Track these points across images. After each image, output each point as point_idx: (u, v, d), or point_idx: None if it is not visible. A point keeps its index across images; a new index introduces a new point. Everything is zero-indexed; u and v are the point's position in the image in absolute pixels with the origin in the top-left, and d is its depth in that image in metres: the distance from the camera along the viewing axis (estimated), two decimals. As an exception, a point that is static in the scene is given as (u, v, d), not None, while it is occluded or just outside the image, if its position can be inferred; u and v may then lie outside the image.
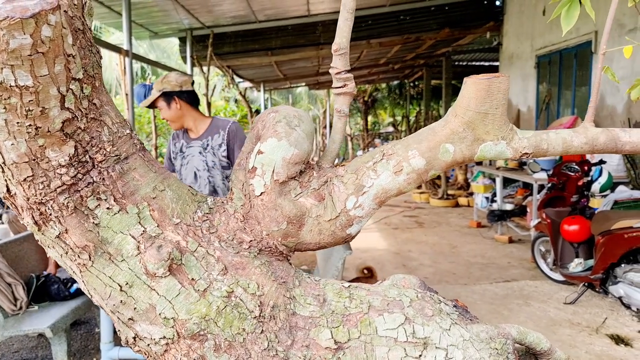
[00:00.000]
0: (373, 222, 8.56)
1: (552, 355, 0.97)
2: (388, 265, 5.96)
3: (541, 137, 0.89)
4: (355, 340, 0.86)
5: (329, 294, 0.92)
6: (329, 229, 0.93)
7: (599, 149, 0.90)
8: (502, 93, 0.86)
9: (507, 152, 0.89)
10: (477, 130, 0.88)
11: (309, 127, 0.94)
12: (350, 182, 0.92)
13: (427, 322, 0.86)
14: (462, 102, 0.88)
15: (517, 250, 6.42)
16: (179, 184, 0.95)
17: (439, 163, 0.90)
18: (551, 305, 4.49)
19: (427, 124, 13.80)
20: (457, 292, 4.91)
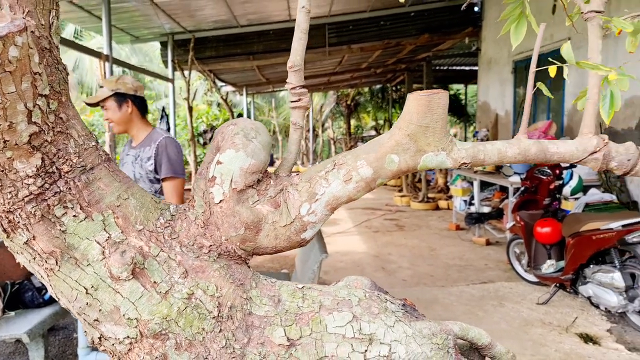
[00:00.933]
0: (354, 225, 8.65)
1: (492, 349, 1.04)
2: (367, 268, 6.04)
3: (478, 149, 0.97)
4: (306, 337, 0.92)
5: (284, 295, 0.98)
6: (285, 234, 0.99)
7: (530, 159, 0.98)
8: (441, 108, 0.94)
9: (447, 162, 0.97)
10: (419, 142, 0.95)
11: (266, 138, 1.01)
12: (304, 190, 0.99)
13: (373, 319, 0.93)
14: (405, 116, 0.95)
15: (494, 252, 6.56)
16: (142, 193, 1.01)
17: (386, 172, 0.97)
18: (524, 306, 4.60)
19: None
20: (434, 294, 5.00)
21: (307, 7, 1.01)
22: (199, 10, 8.39)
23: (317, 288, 1.00)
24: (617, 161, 0.96)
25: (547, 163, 0.98)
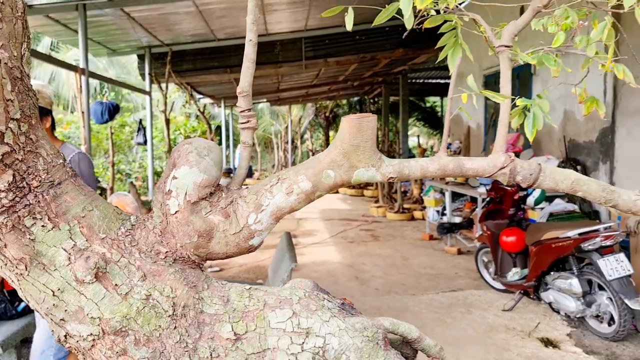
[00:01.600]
0: (330, 236, 8.78)
1: (422, 342, 1.17)
2: (341, 277, 6.16)
3: (404, 165, 1.11)
4: (251, 332, 1.04)
5: (233, 295, 1.10)
6: (234, 241, 1.11)
7: (449, 174, 1.12)
8: (370, 130, 1.08)
9: (377, 176, 1.10)
10: (351, 159, 1.08)
11: (218, 156, 1.13)
12: (252, 202, 1.11)
13: (310, 315, 1.06)
14: (340, 137, 1.09)
15: (464, 261, 6.74)
16: (105, 205, 1.12)
17: (323, 185, 1.10)
18: (491, 313, 4.77)
19: (386, 139, 14.17)
20: (405, 302, 5.14)
21: (253, 40, 1.14)
22: (177, 25, 8.50)
23: (263, 289, 1.13)
24: (521, 175, 1.11)
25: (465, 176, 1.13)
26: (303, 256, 7.33)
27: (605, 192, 1.10)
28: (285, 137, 20.43)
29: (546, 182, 1.11)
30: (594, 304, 4.07)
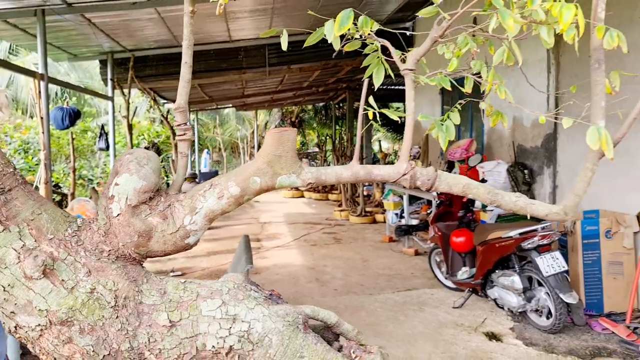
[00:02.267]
0: (293, 239, 8.92)
1: (340, 327, 1.34)
2: (302, 279, 6.31)
3: (321, 172, 1.27)
4: (185, 319, 1.19)
5: (169, 288, 1.24)
6: (172, 240, 1.26)
7: (360, 180, 1.29)
8: (290, 141, 1.24)
9: (298, 182, 1.26)
10: (275, 167, 1.24)
11: (156, 165, 1.27)
12: (187, 205, 1.26)
13: (238, 304, 1.21)
14: (264, 148, 1.25)
15: (421, 262, 6.98)
16: (54, 209, 1.25)
17: (251, 190, 1.26)
18: (442, 310, 5.00)
19: (349, 144, 14.39)
20: (362, 301, 5.33)
21: (188, 62, 1.29)
22: (139, 31, 8.52)
23: (197, 282, 1.27)
24: (421, 180, 1.29)
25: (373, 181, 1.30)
26: (266, 259, 7.46)
27: (490, 194, 1.29)
28: (251, 142, 20.49)
29: (442, 186, 1.30)
30: (533, 299, 4.34)
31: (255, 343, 1.17)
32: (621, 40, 1.25)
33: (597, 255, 4.75)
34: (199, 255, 7.72)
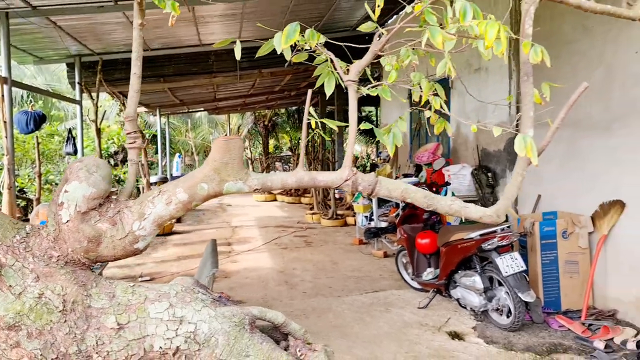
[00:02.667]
0: (264, 243, 8.94)
1: (288, 326, 1.40)
2: (271, 282, 6.35)
3: (267, 178, 1.33)
4: (133, 321, 1.23)
5: (118, 291, 1.28)
6: (121, 245, 1.30)
7: (304, 186, 1.36)
8: (237, 149, 1.30)
9: (244, 188, 1.32)
10: (222, 174, 1.30)
11: (106, 172, 1.31)
12: (136, 211, 1.30)
13: (185, 306, 1.26)
14: (212, 155, 1.30)
15: (389, 264, 7.09)
16: (2, 217, 1.28)
17: (198, 196, 1.31)
18: (407, 310, 5.10)
19: (321, 148, 14.46)
20: (330, 303, 5.40)
21: (137, 73, 1.34)
22: (108, 34, 8.44)
23: (146, 286, 1.32)
24: (362, 186, 1.36)
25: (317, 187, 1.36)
26: (236, 263, 7.47)
27: (427, 198, 1.37)
28: (223, 146, 20.39)
29: (382, 191, 1.37)
30: (494, 299, 4.48)
31: (202, 343, 1.22)
32: (545, 56, 1.35)
33: (555, 255, 4.92)
34: (169, 259, 7.68)
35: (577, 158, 5.24)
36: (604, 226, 4.80)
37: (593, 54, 4.98)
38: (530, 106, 1.46)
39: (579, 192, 5.19)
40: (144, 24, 1.38)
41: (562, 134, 5.45)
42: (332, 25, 10.21)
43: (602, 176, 4.90)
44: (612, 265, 4.78)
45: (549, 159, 5.69)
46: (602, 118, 4.90)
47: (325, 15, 9.25)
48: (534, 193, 5.92)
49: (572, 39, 5.21)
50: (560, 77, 5.45)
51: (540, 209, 5.84)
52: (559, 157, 5.52)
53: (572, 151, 5.32)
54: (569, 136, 5.33)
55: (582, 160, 5.15)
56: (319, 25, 9.95)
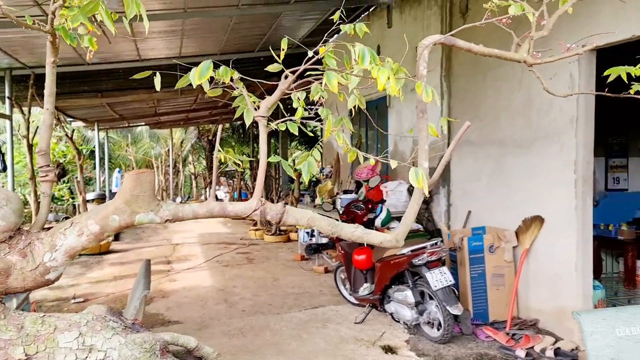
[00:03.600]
0: (205, 260, 8.85)
1: (201, 350, 1.46)
2: (210, 301, 6.30)
3: (178, 209, 1.40)
4: (42, 352, 1.26)
5: (27, 323, 1.31)
6: (31, 277, 1.32)
7: (215, 216, 1.43)
8: (148, 182, 1.36)
9: (156, 219, 1.38)
10: (133, 206, 1.35)
11: (17, 205, 1.34)
12: (47, 243, 1.33)
13: (95, 334, 1.30)
14: (123, 188, 1.35)
15: (329, 279, 7.19)
16: None
17: (110, 227, 1.36)
18: (344, 326, 5.21)
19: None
20: (268, 321, 5.43)
21: (50, 109, 1.37)
22: (41, 48, 8.19)
23: (56, 315, 1.34)
24: (270, 215, 1.45)
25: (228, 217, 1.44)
26: (175, 282, 7.36)
27: (331, 226, 1.47)
28: (166, 161, 20.04)
29: (289, 219, 1.47)
30: (425, 312, 4.66)
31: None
32: (435, 96, 1.49)
33: (482, 268, 5.18)
34: (104, 280, 7.48)
35: (502, 175, 5.57)
36: (526, 240, 5.10)
37: (514, 80, 5.33)
38: (425, 140, 1.60)
39: (504, 207, 5.50)
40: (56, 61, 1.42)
41: (489, 153, 5.79)
42: (275, 43, 10.33)
43: (524, 193, 5.22)
44: (533, 278, 5.08)
45: (478, 176, 6.01)
46: (524, 138, 5.24)
47: (267, 33, 9.37)
48: (465, 209, 6.22)
49: (496, 65, 5.55)
50: (486, 99, 5.80)
51: (470, 224, 6.13)
52: (486, 174, 5.84)
53: (498, 169, 5.64)
54: (496, 155, 5.66)
55: (507, 178, 5.47)
56: (261, 43, 10.06)
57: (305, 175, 1.70)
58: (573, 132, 4.62)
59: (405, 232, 1.54)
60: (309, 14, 8.67)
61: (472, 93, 6.05)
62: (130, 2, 1.41)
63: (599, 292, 5.00)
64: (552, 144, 4.86)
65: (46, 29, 1.53)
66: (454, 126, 6.39)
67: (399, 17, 7.89)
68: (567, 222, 4.67)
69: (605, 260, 7.20)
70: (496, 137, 5.67)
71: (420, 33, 7.21)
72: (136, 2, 1.44)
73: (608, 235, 6.89)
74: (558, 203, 4.77)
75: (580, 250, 4.58)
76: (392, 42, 8.11)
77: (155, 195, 1.37)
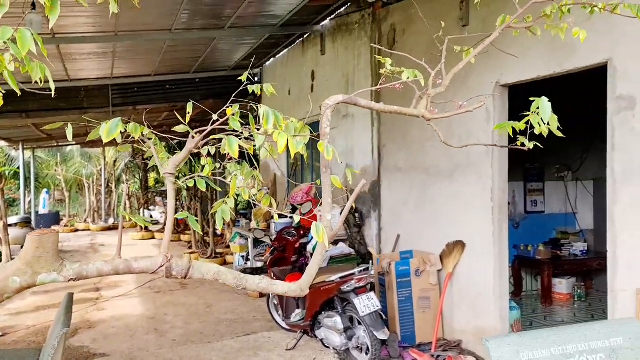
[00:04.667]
0: (136, 287, 8.61)
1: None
2: (140, 331, 6.15)
3: (83, 268, 1.42)
4: None
5: None
6: None
7: (121, 273, 1.46)
8: (51, 243, 1.37)
9: (59, 278, 1.39)
10: (34, 267, 1.36)
11: None
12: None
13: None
14: (25, 250, 1.36)
15: (264, 304, 7.15)
16: None
17: (11, 289, 1.36)
18: (276, 353, 5.23)
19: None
20: (198, 351, 5.36)
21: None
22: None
23: None
24: (176, 271, 1.50)
25: (134, 273, 1.47)
26: (103, 311, 7.12)
27: (237, 279, 1.54)
28: (98, 180, 19.34)
29: (196, 274, 1.52)
30: (354, 337, 4.77)
31: None
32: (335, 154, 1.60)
33: (409, 292, 5.37)
34: (26, 311, 7.12)
35: (428, 201, 5.82)
36: (450, 264, 5.35)
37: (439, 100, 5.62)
38: (329, 194, 1.70)
39: (431, 232, 5.74)
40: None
41: (416, 179, 6.05)
42: (211, 65, 10.34)
43: (447, 218, 5.48)
44: (457, 300, 5.33)
45: (406, 202, 6.25)
46: (446, 166, 5.52)
47: (202, 56, 9.35)
48: (395, 232, 6.43)
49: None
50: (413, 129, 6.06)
51: (400, 247, 6.35)
52: (414, 200, 6.09)
53: (424, 195, 5.89)
54: (422, 182, 5.92)
55: (432, 204, 5.73)
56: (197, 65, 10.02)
57: (219, 223, 1.76)
58: (489, 162, 4.92)
59: (309, 281, 1.63)
60: (244, 39, 8.75)
61: (401, 121, 6.31)
62: (35, 66, 1.43)
63: (515, 313, 5.31)
64: (471, 173, 5.15)
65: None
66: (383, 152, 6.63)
67: (332, 45, 8.12)
68: (486, 247, 4.95)
69: (525, 279, 7.65)
70: (422, 165, 5.93)
71: (352, 61, 7.46)
72: (41, 67, 1.46)
73: (527, 256, 7.33)
74: (478, 228, 5.05)
75: (497, 274, 4.86)
76: (326, 68, 8.32)
77: (58, 255, 1.38)
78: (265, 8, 7.37)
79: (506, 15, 2.49)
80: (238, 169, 1.74)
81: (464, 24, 5.24)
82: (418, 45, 5.89)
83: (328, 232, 1.58)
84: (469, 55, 2.22)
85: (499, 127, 1.92)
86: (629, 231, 3.72)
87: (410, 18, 6.10)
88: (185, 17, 6.98)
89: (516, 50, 4.58)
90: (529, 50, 4.39)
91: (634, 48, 3.66)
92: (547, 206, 8.09)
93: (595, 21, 3.35)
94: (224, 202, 1.78)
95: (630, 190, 3.72)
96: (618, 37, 3.75)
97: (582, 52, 3.99)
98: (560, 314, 6.73)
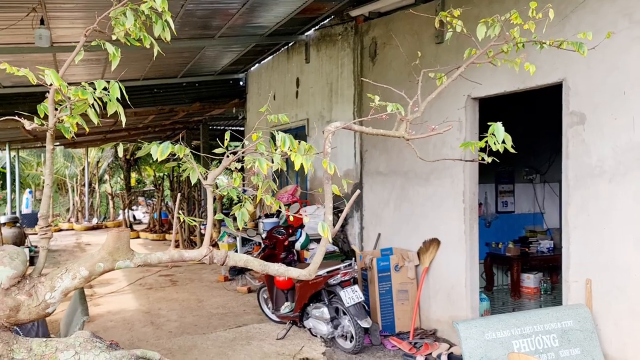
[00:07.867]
0: (128, 284, 8.96)
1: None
2: (137, 324, 6.54)
3: (148, 257, 1.87)
4: (47, 368, 1.68)
5: (34, 345, 1.72)
6: (35, 311, 1.74)
7: (175, 261, 1.92)
8: (125, 238, 1.83)
9: (131, 264, 1.85)
10: (114, 256, 1.82)
11: (24, 258, 1.76)
12: (48, 285, 1.76)
13: (87, 353, 1.74)
14: (107, 242, 1.82)
15: (253, 299, 7.64)
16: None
17: (97, 272, 1.81)
18: (267, 342, 5.69)
19: (185, 185, 14.63)
20: (195, 341, 5.79)
21: (49, 184, 1.81)
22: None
23: (56, 339, 1.77)
24: (217, 259, 1.96)
25: (185, 261, 1.93)
26: (99, 307, 7.47)
27: (261, 265, 2.01)
28: (81, 180, 19.47)
29: (231, 262, 1.98)
30: (339, 326, 5.27)
31: (101, 379, 1.71)
32: (336, 169, 2.08)
33: (389, 285, 5.89)
34: (25, 307, 7.41)
35: (407, 202, 6.35)
36: (426, 260, 5.88)
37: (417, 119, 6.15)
38: (330, 199, 2.18)
39: (409, 231, 6.27)
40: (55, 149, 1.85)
41: (396, 182, 6.57)
42: (198, 70, 10.71)
43: (424, 218, 6.02)
44: (433, 292, 5.86)
45: (387, 203, 6.77)
46: (423, 170, 6.05)
47: (190, 62, 9.73)
48: (376, 231, 6.95)
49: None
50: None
51: (380, 245, 6.87)
52: (394, 201, 6.61)
53: (403, 196, 6.42)
54: (401, 184, 6.44)
55: (410, 204, 6.26)
56: (184, 70, 10.39)
57: (240, 222, 2.22)
58: (461, 167, 5.46)
59: (315, 268, 2.10)
60: (231, 47, 9.17)
61: (381, 127, 6.82)
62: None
63: (484, 304, 5.87)
64: (445, 176, 5.69)
65: (49, 127, 1.97)
66: (365, 157, 7.14)
67: (316, 54, 8.60)
68: (458, 244, 5.49)
69: (496, 274, 8.24)
70: (401, 169, 6.46)
71: (336, 70, 7.95)
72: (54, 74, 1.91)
73: (498, 252, 7.92)
74: (451, 227, 5.59)
75: (468, 268, 5.41)
76: (310, 76, 8.79)
77: (130, 247, 1.84)
78: (254, 20, 7.81)
79: (472, 49, 3.00)
80: (261, 180, 2.21)
81: (438, 41, 5.77)
82: (397, 58, 6.41)
83: (330, 230, 2.06)
84: (442, 84, 2.72)
85: (464, 146, 2.42)
86: (579, 229, 4.29)
87: (390, 32, 6.61)
88: (177, 28, 7.36)
89: (486, 69, 5.15)
90: (496, 70, 4.95)
91: (583, 70, 4.24)
92: (516, 206, 8.71)
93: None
94: (240, 207, 2.24)
95: (581, 193, 4.29)
96: (570, 60, 4.31)
97: (541, 73, 4.54)
98: (527, 306, 7.33)
